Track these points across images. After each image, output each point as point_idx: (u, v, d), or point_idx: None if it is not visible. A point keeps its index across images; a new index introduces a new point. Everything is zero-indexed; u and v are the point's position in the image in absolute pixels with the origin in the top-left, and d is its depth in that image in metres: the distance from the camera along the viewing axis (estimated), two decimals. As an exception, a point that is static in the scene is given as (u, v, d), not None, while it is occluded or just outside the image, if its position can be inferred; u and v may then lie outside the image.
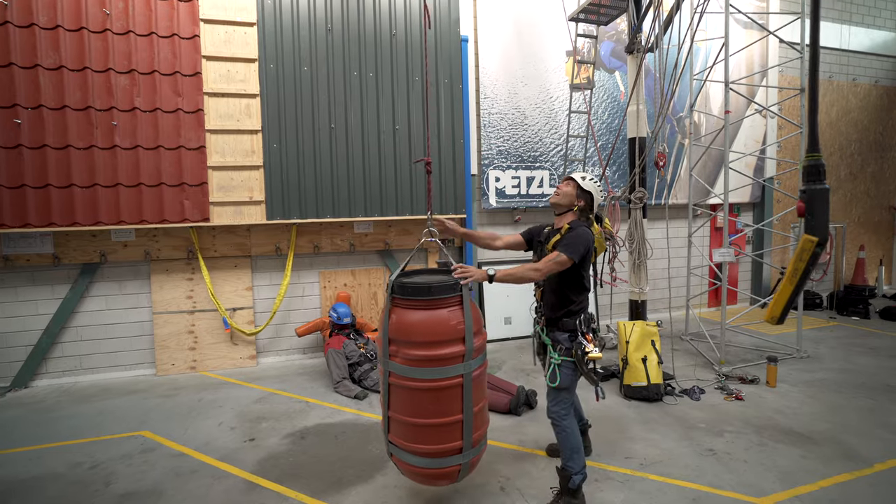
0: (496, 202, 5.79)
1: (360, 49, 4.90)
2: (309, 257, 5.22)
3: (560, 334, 2.50)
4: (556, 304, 2.53)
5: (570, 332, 2.49)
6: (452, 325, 2.13)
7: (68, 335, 4.59)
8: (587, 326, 2.50)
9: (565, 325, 2.49)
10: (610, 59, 6.24)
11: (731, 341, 5.29)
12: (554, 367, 2.47)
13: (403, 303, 2.18)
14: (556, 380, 2.45)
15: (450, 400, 2.12)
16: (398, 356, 2.16)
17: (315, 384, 4.37)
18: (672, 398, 3.85)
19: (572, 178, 2.59)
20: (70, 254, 4.52)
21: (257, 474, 2.87)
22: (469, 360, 2.14)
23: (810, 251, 1.46)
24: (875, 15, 7.99)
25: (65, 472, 2.93)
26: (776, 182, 7.20)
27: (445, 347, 2.11)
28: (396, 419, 2.21)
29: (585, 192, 2.56)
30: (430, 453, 2.14)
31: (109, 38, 4.25)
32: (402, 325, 2.15)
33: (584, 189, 2.55)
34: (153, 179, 4.42)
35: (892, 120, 8.31)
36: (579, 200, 2.56)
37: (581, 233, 2.44)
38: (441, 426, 2.12)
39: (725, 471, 2.82)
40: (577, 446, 2.48)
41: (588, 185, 2.56)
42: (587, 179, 2.58)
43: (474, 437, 2.18)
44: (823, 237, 1.47)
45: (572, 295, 2.50)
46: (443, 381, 2.10)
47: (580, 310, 2.51)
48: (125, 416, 3.75)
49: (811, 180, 1.50)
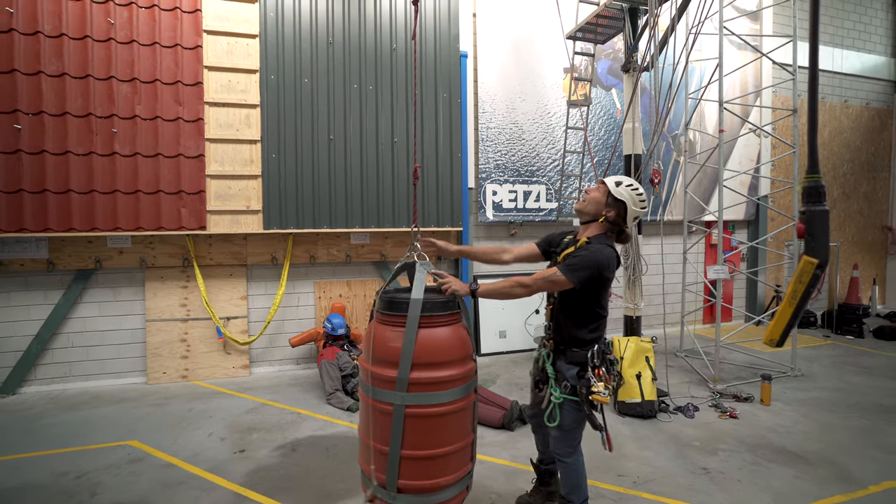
0: (493, 216, 5.81)
1: (360, 62, 4.97)
2: (305, 267, 5.21)
3: (567, 367, 2.15)
4: (565, 329, 2.17)
5: (579, 365, 2.13)
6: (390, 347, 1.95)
7: (59, 342, 4.55)
8: (600, 359, 2.12)
9: (574, 357, 2.14)
10: (607, 77, 6.34)
11: (725, 358, 5.29)
12: (554, 405, 2.14)
13: (378, 316, 2.11)
14: (554, 419, 2.13)
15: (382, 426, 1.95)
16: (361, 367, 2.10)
17: (308, 395, 4.33)
18: (666, 415, 3.84)
19: (604, 183, 2.18)
20: (65, 259, 4.50)
21: (246, 487, 2.83)
22: (402, 392, 1.89)
23: (810, 273, 1.45)
24: (865, 39, 8.17)
25: (49, 482, 2.88)
26: (770, 200, 7.27)
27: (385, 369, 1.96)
28: None
29: (617, 201, 2.12)
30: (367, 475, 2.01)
31: (113, 46, 4.30)
32: (367, 336, 2.10)
33: (615, 197, 2.12)
34: (151, 187, 4.43)
35: (884, 141, 8.45)
36: (608, 210, 2.13)
37: (594, 252, 2.05)
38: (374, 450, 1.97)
39: (719, 490, 2.80)
40: (579, 481, 2.21)
41: (622, 191, 2.12)
42: (622, 185, 2.13)
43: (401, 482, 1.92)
44: (824, 259, 1.46)
45: (584, 321, 2.14)
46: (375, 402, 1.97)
47: (593, 339, 2.15)
48: (114, 425, 3.69)
49: (811, 201, 1.49)
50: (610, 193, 2.13)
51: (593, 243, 2.11)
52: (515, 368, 5.12)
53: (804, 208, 1.50)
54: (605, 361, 2.14)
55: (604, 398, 2.03)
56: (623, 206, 2.12)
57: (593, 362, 2.10)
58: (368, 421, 2.02)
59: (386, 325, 2.03)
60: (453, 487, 2.02)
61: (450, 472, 2.01)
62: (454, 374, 1.99)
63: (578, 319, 2.14)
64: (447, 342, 2.00)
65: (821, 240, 1.46)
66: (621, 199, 2.12)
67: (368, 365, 2.02)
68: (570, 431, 2.17)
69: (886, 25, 8.36)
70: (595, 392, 2.03)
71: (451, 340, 2.02)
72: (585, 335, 2.14)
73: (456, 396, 2.00)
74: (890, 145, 8.52)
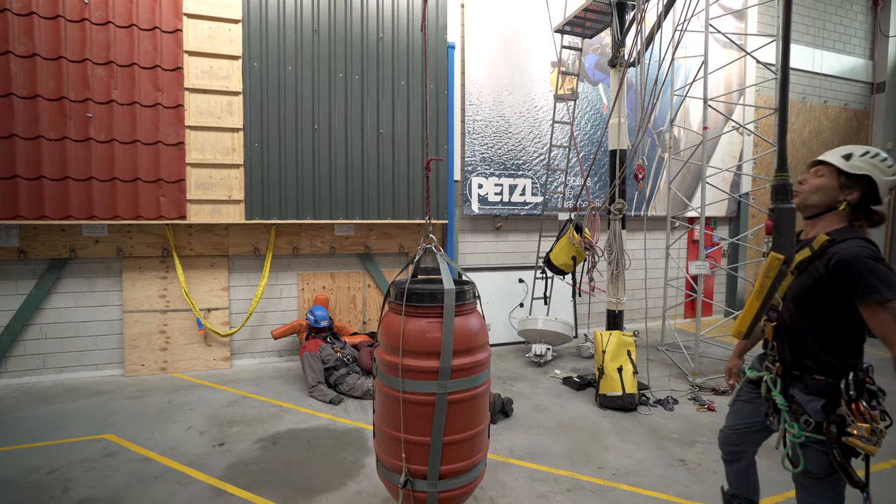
0: (478, 209, 5.80)
1: (346, 51, 4.88)
2: (288, 259, 5.14)
3: (807, 398, 1.65)
4: (808, 349, 1.68)
5: (826, 396, 1.61)
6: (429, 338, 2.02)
7: (32, 333, 4.41)
8: (858, 390, 1.55)
9: (817, 387, 1.63)
10: (594, 72, 6.35)
11: (705, 352, 5.39)
12: (794, 445, 1.66)
13: (393, 307, 2.17)
14: (798, 463, 1.64)
15: (416, 418, 2.01)
16: (379, 359, 2.15)
17: (290, 388, 4.29)
18: (646, 408, 3.90)
19: (824, 163, 1.69)
20: (37, 248, 4.35)
21: (225, 480, 2.79)
22: (444, 380, 1.98)
23: (776, 268, 1.48)
24: (845, 42, 8.34)
25: (19, 477, 2.80)
26: (751, 198, 7.40)
27: (422, 360, 2.02)
28: (376, 424, 2.19)
29: (858, 179, 1.63)
30: (397, 469, 2.06)
31: (87, 27, 4.13)
32: (386, 330, 2.14)
33: (852, 174, 1.63)
34: (128, 174, 4.30)
35: (861, 141, 8.66)
36: (848, 193, 1.65)
37: (873, 254, 1.55)
38: (406, 443, 2.02)
39: (696, 481, 2.86)
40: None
41: (860, 164, 1.63)
42: (855, 157, 1.64)
43: (443, 468, 2.01)
44: (789, 255, 1.50)
45: (843, 343, 1.64)
46: (412, 395, 2.01)
47: (847, 367, 1.61)
48: (89, 419, 3.61)
49: (779, 199, 1.51)
50: (843, 172, 1.65)
51: (848, 239, 1.60)
52: (499, 361, 5.15)
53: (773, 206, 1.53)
54: (864, 393, 1.56)
55: (867, 446, 1.47)
56: (867, 181, 1.63)
57: (849, 394, 1.55)
58: (397, 415, 2.01)
59: (418, 317, 2.04)
60: (481, 463, 2.19)
61: (482, 448, 2.18)
62: (485, 357, 2.16)
63: (836, 339, 1.65)
64: (477, 328, 2.14)
65: (787, 236, 1.49)
66: (862, 175, 1.63)
67: (396, 359, 2.02)
68: (823, 482, 1.62)
69: (865, 28, 8.54)
70: (853, 431, 1.50)
71: (479, 326, 2.17)
72: (836, 361, 1.63)
73: (486, 377, 2.18)
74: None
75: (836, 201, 1.68)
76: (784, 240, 1.49)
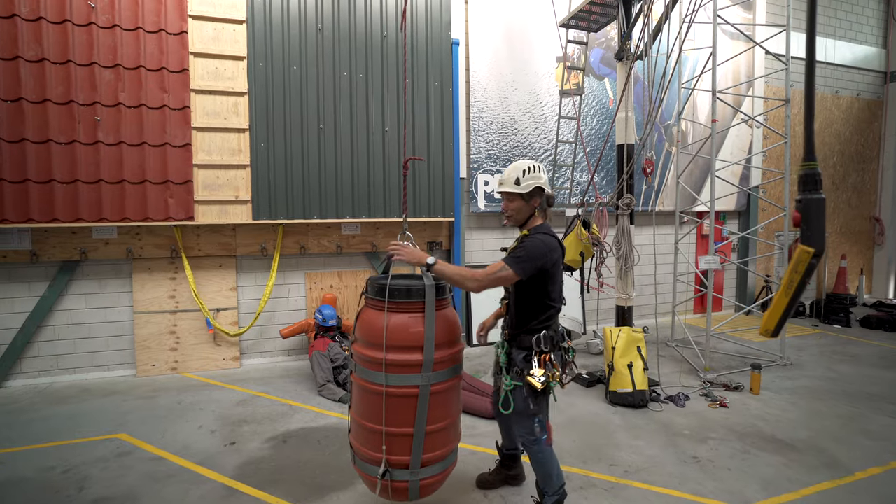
0: (485, 206, 5.78)
1: (350, 50, 4.87)
2: (295, 258, 5.15)
3: (517, 353, 2.23)
4: (517, 316, 2.26)
5: (527, 350, 2.20)
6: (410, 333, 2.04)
7: (45, 334, 4.47)
8: (549, 345, 2.18)
9: (523, 343, 2.22)
10: (599, 66, 6.29)
11: (715, 348, 5.33)
12: (506, 392, 2.21)
13: (371, 303, 2.18)
14: (508, 406, 2.19)
15: (400, 410, 2.03)
16: (357, 355, 2.17)
17: (299, 387, 4.31)
18: (657, 405, 3.86)
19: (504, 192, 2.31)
20: (49, 251, 4.40)
21: (237, 479, 2.81)
22: (428, 372, 2.03)
23: (806, 262, 1.40)
24: (857, 30, 8.18)
25: (35, 477, 2.84)
26: (761, 191, 7.30)
27: (405, 354, 2.04)
28: (353, 419, 2.20)
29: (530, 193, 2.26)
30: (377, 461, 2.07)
31: (94, 31, 4.17)
32: (365, 325, 2.15)
33: (522, 193, 2.26)
34: (137, 176, 4.33)
35: (873, 132, 8.50)
36: (533, 200, 2.28)
37: (538, 242, 2.16)
38: (388, 435, 2.04)
39: (709, 478, 2.83)
40: (549, 470, 2.25)
41: (526, 183, 2.24)
42: (527, 175, 2.24)
43: (425, 456, 2.06)
44: (820, 248, 1.42)
45: (534, 310, 2.22)
46: (395, 388, 2.03)
47: (544, 327, 2.21)
48: (102, 419, 3.65)
49: (807, 189, 1.45)
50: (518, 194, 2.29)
51: (533, 235, 2.24)
52: (508, 359, 5.12)
53: (800, 196, 1.46)
54: (555, 347, 2.20)
55: (536, 382, 2.09)
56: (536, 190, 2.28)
57: (540, 347, 2.16)
58: (378, 409, 2.04)
59: (400, 312, 2.07)
60: (456, 450, 2.28)
61: (458, 436, 2.29)
62: (461, 349, 2.24)
63: (529, 308, 2.23)
64: (454, 321, 2.22)
65: (817, 228, 1.42)
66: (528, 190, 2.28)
67: (378, 353, 2.04)
68: (524, 416, 2.21)
69: (878, 17, 8.37)
70: (531, 374, 2.10)
71: (456, 320, 2.25)
72: (535, 324, 2.21)
73: (462, 368, 2.26)
74: (879, 136, 8.58)
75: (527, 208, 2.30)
76: (813, 232, 1.45)
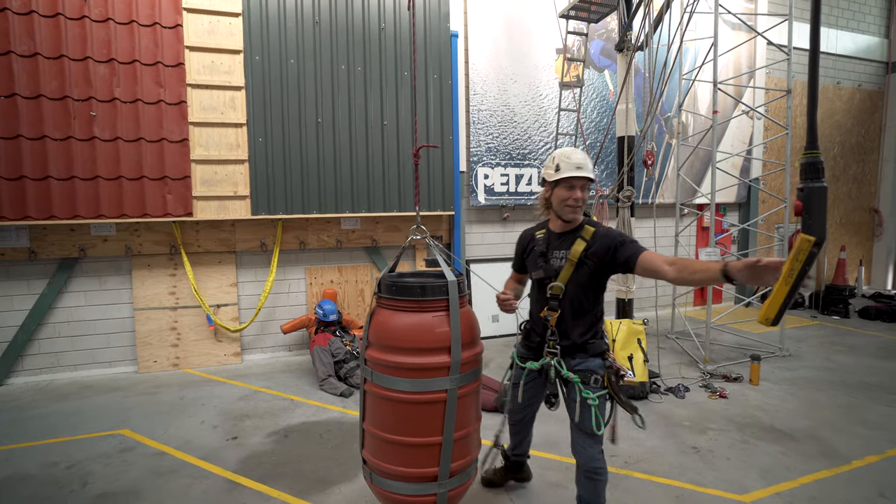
0: (485, 199, 5.76)
1: (348, 42, 4.83)
2: (295, 253, 5.15)
3: (592, 362, 1.99)
4: (583, 323, 2.02)
5: (601, 355, 2.01)
6: (437, 333, 1.90)
7: (45, 332, 4.46)
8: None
9: (595, 349, 2.00)
10: (599, 58, 6.24)
11: (715, 340, 5.35)
12: (593, 409, 1.92)
13: (388, 303, 2.00)
14: (601, 426, 1.93)
15: (426, 418, 1.90)
16: (374, 361, 1.98)
17: (300, 382, 4.32)
18: (657, 396, 3.88)
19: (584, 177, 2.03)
20: (47, 248, 4.39)
21: (239, 473, 2.82)
22: (455, 375, 1.90)
23: (807, 251, 1.39)
24: (860, 20, 8.12)
25: (38, 473, 2.85)
26: (762, 183, 7.28)
27: (433, 357, 1.90)
28: (370, 432, 2.02)
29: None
30: (401, 476, 1.93)
31: (87, 25, 4.12)
32: (383, 328, 1.98)
33: None
34: (134, 172, 4.31)
35: (874, 123, 8.47)
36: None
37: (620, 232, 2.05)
38: (413, 446, 1.91)
39: (708, 468, 2.85)
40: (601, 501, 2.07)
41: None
42: None
43: (453, 465, 1.94)
44: (821, 237, 1.40)
45: (600, 311, 2.07)
46: (421, 394, 1.89)
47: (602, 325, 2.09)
48: (104, 415, 3.66)
49: (809, 178, 1.43)
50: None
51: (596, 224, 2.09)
52: (508, 351, 5.13)
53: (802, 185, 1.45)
54: None
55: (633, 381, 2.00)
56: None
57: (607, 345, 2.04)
58: (402, 418, 1.90)
59: (423, 311, 1.92)
60: (476, 459, 2.15)
61: (479, 441, 2.16)
62: (482, 349, 2.12)
63: (598, 308, 2.07)
64: (475, 320, 2.11)
65: (818, 217, 1.41)
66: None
67: (399, 357, 1.90)
68: (598, 438, 1.98)
69: (880, 6, 8.30)
70: (624, 374, 1.97)
71: (475, 318, 2.13)
72: (601, 324, 2.09)
73: (483, 370, 2.14)
74: (880, 127, 8.54)
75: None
76: (815, 220, 1.44)
